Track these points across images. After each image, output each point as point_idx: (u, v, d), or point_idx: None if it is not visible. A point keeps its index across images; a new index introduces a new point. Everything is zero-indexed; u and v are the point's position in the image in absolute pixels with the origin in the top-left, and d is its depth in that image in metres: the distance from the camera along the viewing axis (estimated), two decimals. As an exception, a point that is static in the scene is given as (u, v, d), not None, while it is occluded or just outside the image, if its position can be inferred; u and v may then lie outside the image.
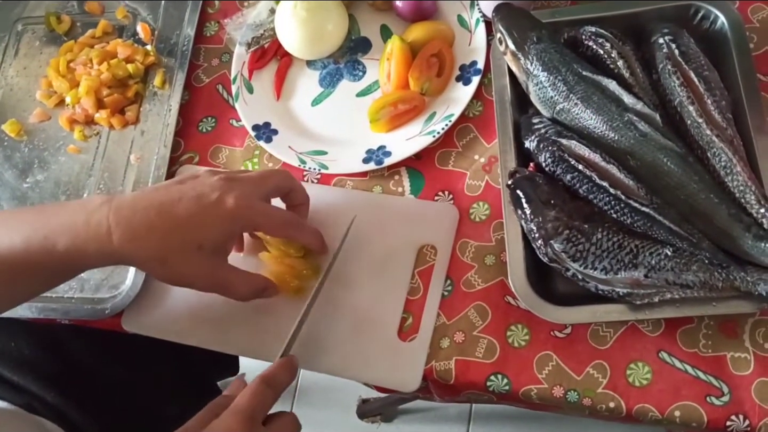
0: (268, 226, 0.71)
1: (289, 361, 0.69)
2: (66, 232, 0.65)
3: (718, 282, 0.64)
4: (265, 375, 0.66)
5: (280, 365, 0.67)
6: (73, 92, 0.93)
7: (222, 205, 0.66)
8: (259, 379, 0.65)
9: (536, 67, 0.73)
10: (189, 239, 0.66)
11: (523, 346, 0.72)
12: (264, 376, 0.65)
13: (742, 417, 0.65)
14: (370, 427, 1.58)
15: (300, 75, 0.92)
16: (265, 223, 0.70)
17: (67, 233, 0.65)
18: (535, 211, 0.68)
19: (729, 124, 0.69)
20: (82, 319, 0.82)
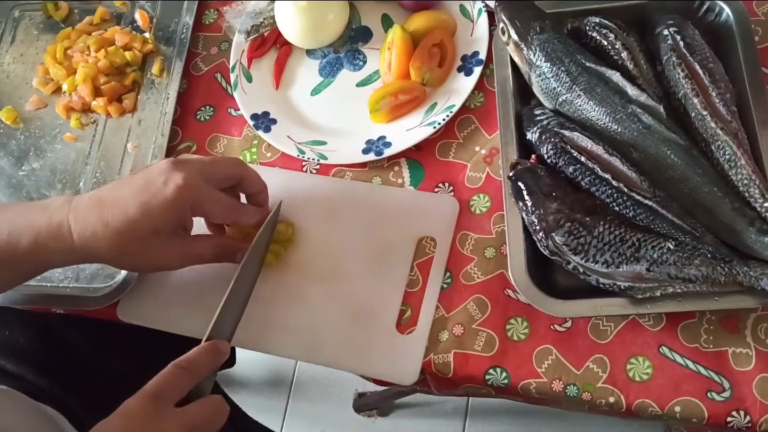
0: (214, 209, 0.71)
1: (212, 345, 0.67)
2: (29, 230, 0.68)
3: (720, 276, 0.63)
4: (181, 358, 0.65)
5: (200, 349, 0.66)
6: (70, 80, 0.93)
7: (168, 188, 0.67)
8: (172, 363, 0.64)
9: (539, 57, 0.73)
10: (142, 227, 0.67)
11: (523, 339, 0.71)
12: (179, 360, 0.64)
13: (743, 413, 0.65)
14: (367, 421, 1.57)
15: (300, 64, 0.91)
16: (211, 206, 0.71)
17: (30, 231, 0.68)
18: (536, 204, 0.68)
19: (733, 117, 0.69)
20: (78, 309, 0.81)
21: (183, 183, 0.67)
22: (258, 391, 1.64)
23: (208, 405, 0.65)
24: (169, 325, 0.78)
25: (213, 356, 0.67)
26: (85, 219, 0.67)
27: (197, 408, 0.63)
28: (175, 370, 0.63)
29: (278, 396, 1.63)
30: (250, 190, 0.76)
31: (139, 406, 0.60)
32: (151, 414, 0.60)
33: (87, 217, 0.67)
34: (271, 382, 1.64)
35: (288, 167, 0.85)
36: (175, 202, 0.67)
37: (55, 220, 0.68)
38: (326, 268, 0.77)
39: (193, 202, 0.69)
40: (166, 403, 0.61)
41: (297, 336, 0.75)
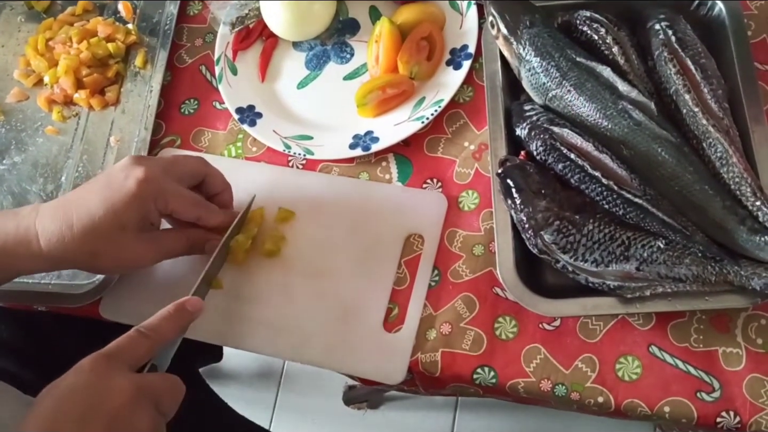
0: (178, 203, 0.70)
1: (176, 307, 0.65)
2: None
3: (711, 276, 0.63)
4: (143, 323, 0.63)
5: (162, 313, 0.64)
6: (52, 71, 0.91)
7: (129, 182, 0.67)
8: (136, 328, 0.62)
9: (529, 52, 0.72)
10: (107, 224, 0.67)
11: (511, 338, 0.70)
12: (141, 325, 0.63)
13: (733, 413, 0.64)
14: (356, 413, 1.57)
15: (286, 57, 0.90)
16: (175, 200, 0.70)
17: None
18: (525, 201, 0.67)
19: (725, 114, 0.68)
20: (60, 306, 0.80)
21: (144, 176, 0.67)
22: (247, 384, 1.63)
23: (165, 378, 0.62)
24: (152, 323, 0.77)
25: (177, 319, 0.65)
26: (51, 223, 0.67)
27: (153, 377, 0.62)
28: (134, 333, 0.62)
29: (267, 389, 1.62)
30: (214, 189, 0.75)
31: (90, 362, 0.58)
32: (102, 371, 0.58)
33: (52, 221, 0.67)
34: (260, 375, 1.64)
35: (274, 162, 0.83)
36: (137, 196, 0.67)
37: (23, 226, 0.67)
38: (312, 265, 0.76)
39: (156, 194, 0.68)
40: (119, 363, 0.59)
41: (282, 334, 0.74)
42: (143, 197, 0.67)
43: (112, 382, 0.57)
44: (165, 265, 0.78)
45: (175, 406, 0.62)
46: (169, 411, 0.61)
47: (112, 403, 0.56)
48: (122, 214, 0.67)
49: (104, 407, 0.56)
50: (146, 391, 0.59)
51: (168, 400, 0.61)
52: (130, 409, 0.57)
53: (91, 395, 0.57)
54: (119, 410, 0.56)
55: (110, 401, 0.56)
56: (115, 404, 0.56)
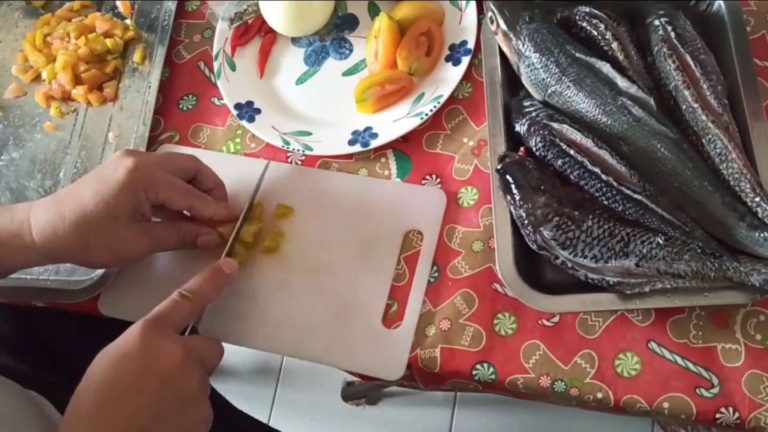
0: (169, 192, 0.71)
1: (213, 270, 0.69)
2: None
3: (710, 272, 0.63)
4: (183, 287, 0.66)
5: (201, 276, 0.68)
6: (50, 67, 0.91)
7: (118, 173, 0.68)
8: (175, 292, 0.66)
9: (528, 47, 0.71)
10: (99, 215, 0.67)
11: (510, 334, 0.70)
12: (181, 288, 0.66)
13: (732, 409, 0.64)
14: (355, 410, 1.57)
15: (284, 52, 0.89)
16: (166, 189, 0.70)
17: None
18: (524, 197, 0.67)
19: (725, 110, 0.68)
20: (58, 302, 0.80)
21: (134, 166, 0.68)
22: (246, 380, 1.63)
23: (206, 339, 0.67)
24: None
25: (216, 281, 0.68)
26: (44, 216, 0.67)
27: (197, 338, 0.66)
28: (177, 297, 0.65)
29: (266, 385, 1.62)
30: (206, 186, 0.75)
31: (140, 328, 0.61)
32: (151, 336, 0.61)
33: (45, 214, 0.67)
34: (259, 371, 1.64)
35: (272, 158, 0.83)
36: (127, 186, 0.67)
37: (17, 220, 0.68)
38: (312, 261, 0.76)
39: (147, 184, 0.69)
40: (167, 327, 0.62)
41: (282, 331, 0.74)
42: (134, 186, 0.68)
43: (163, 346, 0.61)
44: (163, 261, 0.78)
45: (216, 363, 0.66)
46: (212, 369, 0.65)
47: (165, 366, 0.60)
48: (113, 204, 0.67)
49: (157, 370, 0.59)
50: (194, 352, 0.62)
51: (212, 358, 0.65)
52: (181, 370, 0.60)
53: (144, 359, 0.60)
54: (172, 372, 0.60)
55: (162, 364, 0.60)
56: (167, 366, 0.60)
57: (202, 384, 0.62)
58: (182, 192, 0.72)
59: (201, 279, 0.67)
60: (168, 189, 0.70)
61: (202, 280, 0.67)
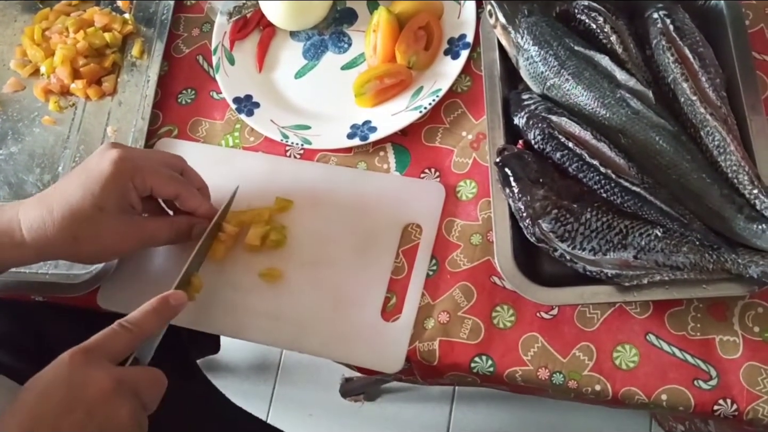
0: (155, 179, 0.70)
1: (159, 301, 0.65)
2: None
3: (708, 264, 0.63)
4: (126, 317, 0.63)
5: (145, 307, 0.64)
6: (48, 61, 0.91)
7: (103, 164, 0.68)
8: (117, 322, 0.62)
9: (527, 41, 0.71)
10: (85, 206, 0.67)
11: (509, 327, 0.71)
12: (123, 318, 0.63)
13: (730, 401, 0.64)
14: (353, 406, 1.57)
15: (283, 46, 0.89)
16: (152, 176, 0.70)
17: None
18: (523, 190, 0.67)
19: (723, 103, 0.68)
20: (57, 296, 0.80)
21: (118, 156, 0.68)
22: (244, 376, 1.63)
23: (146, 370, 0.63)
24: (150, 312, 0.77)
25: (160, 312, 0.65)
26: (33, 212, 0.67)
27: (134, 370, 0.62)
28: (116, 327, 0.62)
29: (264, 381, 1.62)
30: (192, 184, 0.75)
31: (69, 355, 0.59)
32: (79, 364, 0.58)
33: (34, 209, 0.68)
34: (257, 367, 1.64)
35: (271, 152, 0.83)
36: (113, 175, 0.67)
37: (6, 218, 0.68)
38: (310, 255, 0.76)
39: (132, 172, 0.69)
40: (98, 357, 0.59)
41: (280, 324, 0.74)
42: (119, 176, 0.68)
43: (91, 375, 0.58)
44: (161, 255, 0.78)
45: (157, 398, 0.62)
46: (150, 403, 0.61)
47: (91, 395, 0.57)
48: (99, 195, 0.67)
49: (83, 399, 0.57)
50: (126, 384, 0.59)
51: (149, 392, 0.61)
52: (110, 400, 0.57)
53: (70, 388, 0.57)
54: (98, 402, 0.57)
55: (89, 393, 0.57)
56: (94, 396, 0.57)
57: (133, 417, 0.59)
58: (168, 178, 0.72)
59: (144, 310, 0.64)
60: (154, 175, 0.70)
61: (145, 311, 0.64)
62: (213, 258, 0.76)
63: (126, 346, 0.62)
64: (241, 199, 0.78)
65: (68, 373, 0.58)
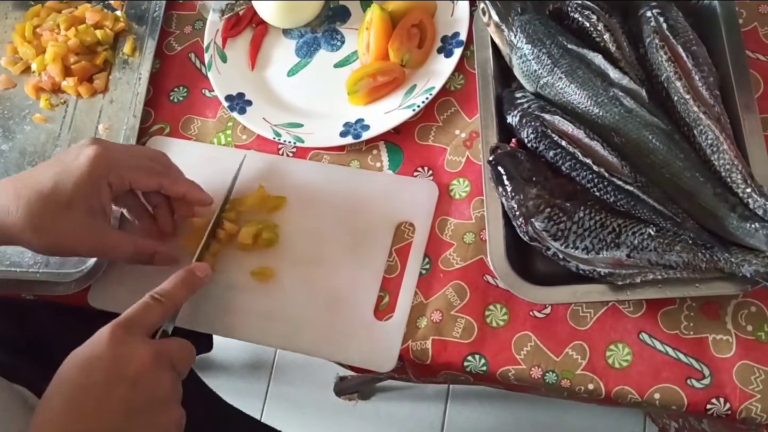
0: (133, 174, 0.70)
1: (186, 272, 0.67)
2: None
3: (701, 263, 0.62)
4: (155, 290, 0.65)
5: (174, 278, 0.67)
6: (39, 59, 0.90)
7: (80, 159, 0.67)
8: (147, 294, 0.64)
9: (520, 39, 0.71)
10: (55, 200, 0.66)
11: (502, 326, 0.70)
12: (153, 291, 0.65)
13: (723, 400, 0.64)
14: (348, 404, 1.57)
15: (276, 44, 0.89)
16: (130, 171, 0.70)
17: None
18: (516, 189, 0.67)
19: (716, 101, 0.68)
20: (48, 295, 0.80)
21: (95, 154, 0.68)
22: (238, 375, 1.63)
23: (178, 341, 0.65)
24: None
25: (188, 283, 0.67)
26: (0, 196, 0.67)
27: (168, 341, 0.64)
28: (148, 300, 0.64)
29: (258, 380, 1.62)
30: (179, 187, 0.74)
31: (110, 331, 0.60)
32: (120, 339, 0.60)
33: (1, 194, 0.67)
34: (251, 366, 1.63)
35: (264, 150, 0.83)
36: (88, 173, 0.67)
37: None
38: (303, 253, 0.76)
39: (108, 170, 0.68)
40: (137, 331, 0.61)
41: (273, 323, 0.74)
42: (94, 173, 0.67)
43: (132, 349, 0.60)
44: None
45: (188, 366, 0.64)
46: (183, 371, 0.64)
47: (134, 369, 0.59)
48: (70, 190, 0.66)
49: (126, 373, 0.58)
50: (164, 355, 0.61)
51: (183, 361, 0.63)
52: (151, 373, 0.59)
53: (113, 363, 0.59)
54: (141, 375, 0.59)
55: (131, 367, 0.59)
56: (136, 370, 0.59)
57: (173, 387, 0.61)
58: (148, 170, 0.71)
59: (173, 282, 0.66)
60: (132, 170, 0.70)
61: (175, 282, 0.66)
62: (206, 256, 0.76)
63: (160, 317, 0.64)
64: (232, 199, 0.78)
65: (111, 349, 0.59)
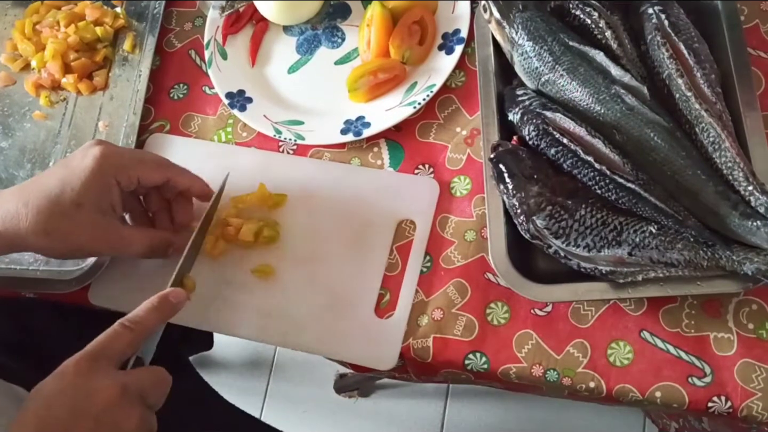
0: (141, 170, 0.70)
1: (160, 299, 0.64)
2: None
3: (703, 261, 0.62)
4: (125, 317, 0.62)
5: (146, 305, 0.64)
6: (39, 56, 0.90)
7: (86, 160, 0.68)
8: (119, 321, 0.61)
9: (521, 36, 0.71)
10: (63, 201, 0.66)
11: (503, 324, 0.70)
12: (124, 318, 0.62)
13: (724, 398, 0.64)
14: (348, 402, 1.57)
15: (276, 41, 0.89)
16: (137, 168, 0.70)
17: None
18: (517, 186, 0.66)
19: (718, 99, 0.67)
20: (48, 293, 0.79)
21: (101, 153, 0.68)
22: (238, 372, 1.63)
23: (150, 371, 0.62)
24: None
25: (161, 310, 0.64)
26: (8, 203, 0.67)
27: (138, 372, 0.61)
28: (117, 328, 0.61)
29: (258, 377, 1.61)
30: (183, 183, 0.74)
31: (74, 363, 0.58)
32: (84, 371, 0.58)
33: (9, 201, 0.67)
34: (251, 364, 1.63)
35: (264, 148, 0.83)
36: (95, 172, 0.67)
37: None
38: (303, 251, 0.76)
39: (116, 168, 0.68)
40: (104, 362, 0.59)
41: (273, 321, 0.74)
42: (101, 172, 0.67)
43: (97, 383, 0.57)
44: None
45: (162, 397, 0.62)
46: (156, 403, 0.61)
47: (98, 405, 0.56)
48: (79, 190, 0.66)
49: (90, 409, 0.56)
50: (132, 388, 0.58)
51: (154, 393, 0.61)
52: (117, 408, 0.57)
53: (76, 398, 0.57)
54: (105, 411, 0.56)
55: (96, 402, 0.56)
56: (101, 405, 0.56)
57: (140, 423, 0.58)
58: (154, 165, 0.72)
59: (145, 308, 0.63)
60: (138, 167, 0.70)
61: (147, 308, 0.63)
62: (210, 254, 0.76)
63: (129, 346, 0.61)
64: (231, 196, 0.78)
65: (74, 383, 0.57)
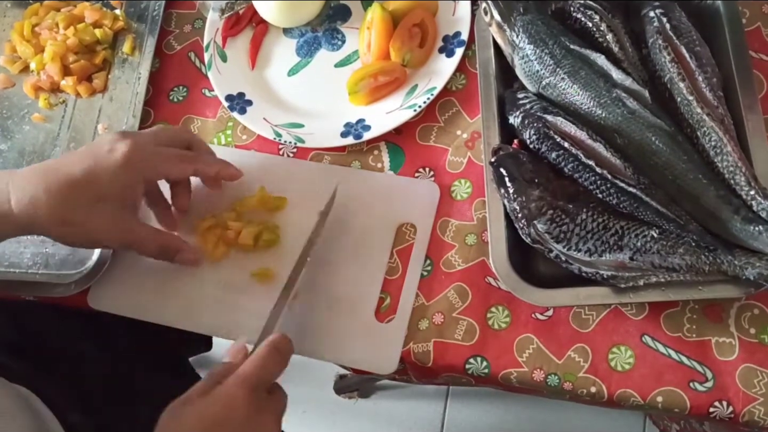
0: (168, 165, 0.71)
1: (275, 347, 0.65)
2: None
3: (704, 265, 0.62)
4: (273, 340, 0.63)
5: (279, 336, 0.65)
6: (38, 58, 0.89)
7: (114, 154, 0.67)
8: (268, 345, 0.63)
9: (522, 39, 0.71)
10: (86, 193, 0.67)
11: (504, 328, 0.70)
12: (272, 341, 0.63)
13: (726, 403, 0.64)
14: (348, 402, 1.57)
15: (276, 43, 0.88)
16: (164, 163, 0.70)
17: None
18: (518, 190, 0.66)
19: (720, 102, 0.67)
20: (47, 296, 0.79)
21: (129, 149, 0.68)
22: (237, 373, 1.62)
23: (285, 396, 0.65)
24: (140, 312, 0.76)
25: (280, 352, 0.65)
26: (25, 186, 0.66)
27: (281, 394, 0.64)
28: (273, 354, 0.62)
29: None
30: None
31: (243, 396, 0.59)
32: (253, 406, 0.59)
33: (27, 184, 0.66)
34: (251, 364, 1.63)
35: (264, 150, 0.82)
36: (122, 167, 0.67)
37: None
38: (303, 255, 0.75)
39: (143, 164, 0.69)
40: (263, 391, 0.61)
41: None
42: (129, 168, 0.68)
43: (263, 417, 0.60)
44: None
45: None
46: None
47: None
48: (105, 185, 0.67)
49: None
50: (281, 414, 0.62)
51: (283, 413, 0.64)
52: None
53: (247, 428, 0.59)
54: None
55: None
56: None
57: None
58: (180, 160, 0.72)
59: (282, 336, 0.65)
60: (166, 162, 0.70)
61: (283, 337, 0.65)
62: (210, 257, 0.76)
63: (279, 371, 0.63)
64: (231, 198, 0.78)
65: (246, 418, 0.59)
